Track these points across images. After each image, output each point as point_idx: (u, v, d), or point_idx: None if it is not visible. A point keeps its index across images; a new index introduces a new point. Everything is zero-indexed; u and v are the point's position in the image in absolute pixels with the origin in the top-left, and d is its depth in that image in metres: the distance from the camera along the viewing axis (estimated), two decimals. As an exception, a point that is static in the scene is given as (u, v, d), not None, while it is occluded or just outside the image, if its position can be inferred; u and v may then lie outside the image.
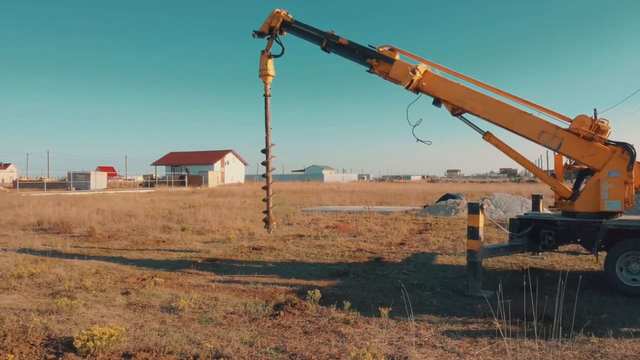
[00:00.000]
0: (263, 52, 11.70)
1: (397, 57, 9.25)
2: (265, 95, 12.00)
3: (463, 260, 9.98)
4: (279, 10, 11.26)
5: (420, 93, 9.00)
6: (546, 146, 8.04)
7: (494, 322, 5.71)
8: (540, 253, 9.99)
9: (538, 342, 4.97)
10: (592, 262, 9.52)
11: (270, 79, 11.91)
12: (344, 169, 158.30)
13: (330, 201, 29.55)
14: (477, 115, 8.40)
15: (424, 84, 8.77)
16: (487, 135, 8.53)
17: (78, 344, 4.65)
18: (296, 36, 11.25)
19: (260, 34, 11.55)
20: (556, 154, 8.31)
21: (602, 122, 7.58)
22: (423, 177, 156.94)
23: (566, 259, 10.08)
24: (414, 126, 9.25)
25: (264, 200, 12.35)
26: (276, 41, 11.58)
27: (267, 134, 11.98)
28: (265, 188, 12.12)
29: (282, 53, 11.78)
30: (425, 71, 8.86)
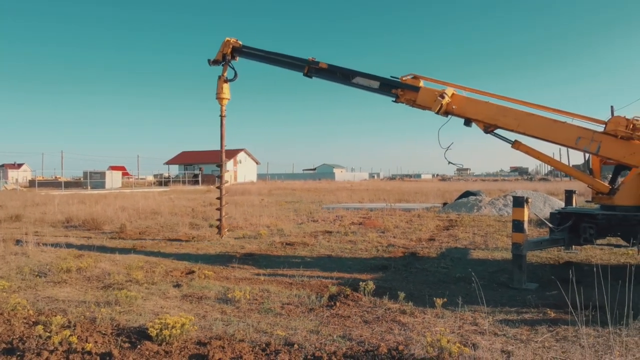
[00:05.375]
0: (219, 77, 12.87)
1: (422, 84, 9.37)
2: (221, 116, 13.18)
3: (497, 255, 10.11)
4: (228, 39, 12.51)
5: (449, 116, 9.05)
6: (585, 151, 8.06)
7: (548, 312, 5.84)
8: (573, 247, 10.07)
9: (596, 329, 5.11)
10: (627, 255, 9.58)
11: (225, 102, 13.14)
12: (353, 167, 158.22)
13: (348, 199, 29.68)
14: (511, 130, 8.45)
15: (453, 107, 8.84)
16: (515, 144, 8.60)
17: (153, 332, 4.79)
18: (257, 61, 12.44)
19: (215, 62, 12.77)
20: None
21: (638, 120, 7.64)
22: (433, 175, 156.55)
23: (600, 253, 10.14)
24: (446, 150, 9.36)
25: (217, 209, 13.30)
26: (230, 66, 12.82)
27: (222, 151, 13.31)
28: (219, 198, 13.14)
29: (235, 77, 13.00)
30: (453, 94, 8.94)
